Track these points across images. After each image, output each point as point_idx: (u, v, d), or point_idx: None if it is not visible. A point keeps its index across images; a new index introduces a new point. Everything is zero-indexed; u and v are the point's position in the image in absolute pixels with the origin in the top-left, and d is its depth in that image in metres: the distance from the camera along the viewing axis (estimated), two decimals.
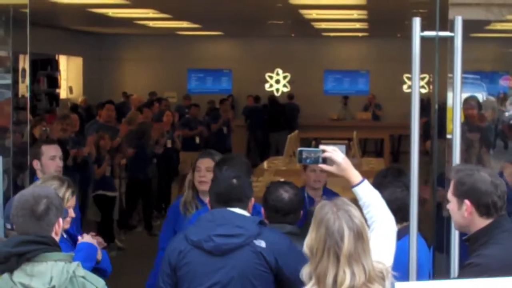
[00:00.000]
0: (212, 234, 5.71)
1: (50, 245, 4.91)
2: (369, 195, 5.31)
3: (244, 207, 5.91)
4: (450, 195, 5.33)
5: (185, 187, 7.74)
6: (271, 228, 5.91)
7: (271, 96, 26.89)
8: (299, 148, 5.61)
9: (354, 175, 5.36)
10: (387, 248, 5.18)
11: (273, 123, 25.65)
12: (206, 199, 7.18)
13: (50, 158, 7.95)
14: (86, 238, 6.39)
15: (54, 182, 6.27)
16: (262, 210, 6.31)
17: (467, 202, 5.24)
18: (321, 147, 5.46)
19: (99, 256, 6.43)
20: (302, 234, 5.59)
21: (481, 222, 5.27)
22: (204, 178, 7.42)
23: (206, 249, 5.72)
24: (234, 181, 5.94)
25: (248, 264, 5.70)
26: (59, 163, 8.00)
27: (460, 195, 5.28)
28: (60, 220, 5.03)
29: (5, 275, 4.83)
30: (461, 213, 5.29)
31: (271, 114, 25.99)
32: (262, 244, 5.68)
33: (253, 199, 6.07)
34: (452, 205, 5.34)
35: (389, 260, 5.12)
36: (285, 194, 6.21)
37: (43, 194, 5.03)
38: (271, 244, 5.69)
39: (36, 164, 7.95)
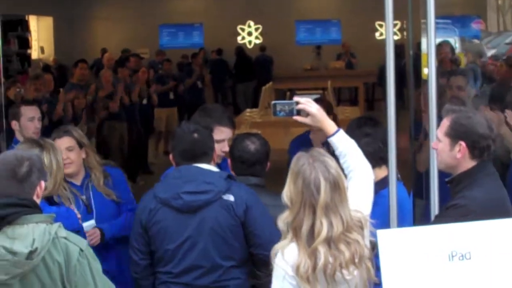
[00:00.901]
0: (180, 192, 5.79)
1: (31, 208, 4.90)
2: (345, 144, 5.35)
3: (209, 160, 5.98)
4: (441, 135, 5.41)
5: None
6: (239, 182, 5.96)
7: (238, 48, 26.97)
8: (273, 101, 5.67)
9: (329, 125, 5.39)
10: (365, 196, 5.24)
11: (240, 75, 25.89)
12: (77, 181, 7.04)
13: (29, 119, 7.95)
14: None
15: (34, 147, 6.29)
16: (229, 161, 6.39)
17: (462, 143, 5.32)
18: (295, 98, 5.48)
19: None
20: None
21: (469, 164, 5.37)
22: (67, 160, 6.87)
23: (175, 207, 5.79)
24: (196, 135, 5.97)
25: (218, 219, 5.77)
26: (38, 124, 8.00)
27: (456, 136, 5.36)
28: (42, 183, 5.03)
29: None
30: (452, 154, 5.38)
31: (239, 66, 26.17)
32: (231, 198, 5.76)
33: (216, 149, 6.14)
34: (442, 144, 5.42)
35: (368, 207, 5.18)
36: (251, 146, 6.26)
37: (26, 156, 5.01)
38: (239, 198, 5.78)
39: (14, 125, 7.94)
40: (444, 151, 5.41)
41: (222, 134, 6.62)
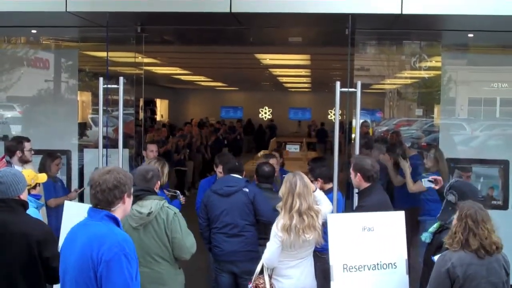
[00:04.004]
0: (223, 186, 5.87)
1: (151, 193, 4.94)
2: (319, 195, 5.18)
3: (241, 174, 6.03)
4: (351, 170, 5.37)
5: None
6: (251, 184, 6.03)
7: (248, 120, 26.99)
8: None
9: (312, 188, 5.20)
10: (326, 209, 5.11)
11: (247, 133, 25.83)
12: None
13: (151, 151, 7.89)
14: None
15: (156, 162, 6.30)
16: (255, 176, 6.34)
17: (358, 174, 5.28)
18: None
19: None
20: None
21: (365, 185, 5.29)
22: None
23: (219, 193, 5.85)
24: (237, 163, 6.11)
25: (240, 200, 5.81)
26: (155, 154, 7.91)
27: (355, 170, 5.32)
28: (159, 182, 5.06)
29: None
30: (356, 179, 5.33)
31: (248, 129, 26.25)
32: (247, 190, 5.83)
33: (244, 171, 6.20)
34: (352, 175, 5.37)
35: (326, 210, 5.08)
36: (266, 168, 6.27)
37: (149, 169, 5.09)
38: (251, 190, 5.84)
39: (144, 153, 7.89)
40: (353, 179, 5.39)
41: (219, 169, 6.66)
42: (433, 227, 4.93)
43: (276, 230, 4.82)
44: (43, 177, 5.41)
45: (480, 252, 4.12)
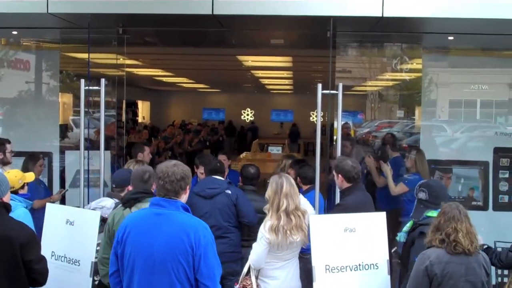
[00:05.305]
0: (205, 188, 5.90)
1: (150, 194, 4.88)
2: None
3: (222, 176, 6.08)
4: (334, 171, 5.41)
5: None
6: (233, 186, 6.05)
7: (229, 121, 26.85)
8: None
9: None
10: (309, 211, 5.16)
11: (228, 134, 25.71)
12: None
13: (148, 153, 7.76)
14: None
15: (136, 164, 6.24)
16: (240, 178, 6.35)
17: (339, 175, 5.33)
18: None
19: None
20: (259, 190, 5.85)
21: (346, 185, 5.35)
22: None
23: (202, 195, 5.88)
24: (218, 164, 6.14)
25: (223, 202, 5.85)
26: (150, 155, 7.81)
27: (337, 172, 5.37)
28: (155, 183, 5.01)
29: (127, 209, 4.79)
30: (338, 181, 5.38)
31: (228, 130, 26.11)
32: (229, 192, 5.87)
33: (226, 171, 6.31)
34: (335, 176, 5.42)
35: (310, 212, 5.13)
36: (251, 170, 6.28)
37: (146, 170, 5.03)
38: (233, 192, 5.87)
39: (140, 156, 7.64)
40: (336, 179, 5.44)
41: (200, 170, 6.73)
42: (407, 226, 5.00)
43: (263, 232, 4.83)
44: (30, 176, 5.39)
45: (457, 250, 4.17)
